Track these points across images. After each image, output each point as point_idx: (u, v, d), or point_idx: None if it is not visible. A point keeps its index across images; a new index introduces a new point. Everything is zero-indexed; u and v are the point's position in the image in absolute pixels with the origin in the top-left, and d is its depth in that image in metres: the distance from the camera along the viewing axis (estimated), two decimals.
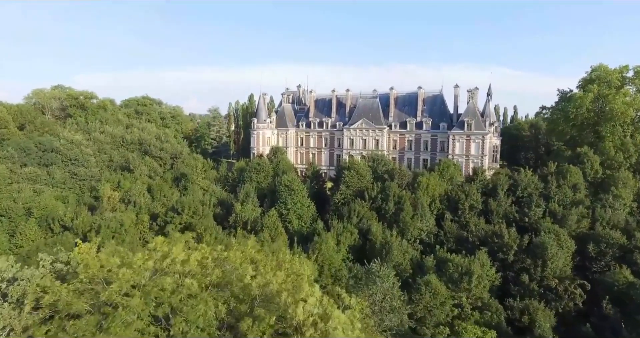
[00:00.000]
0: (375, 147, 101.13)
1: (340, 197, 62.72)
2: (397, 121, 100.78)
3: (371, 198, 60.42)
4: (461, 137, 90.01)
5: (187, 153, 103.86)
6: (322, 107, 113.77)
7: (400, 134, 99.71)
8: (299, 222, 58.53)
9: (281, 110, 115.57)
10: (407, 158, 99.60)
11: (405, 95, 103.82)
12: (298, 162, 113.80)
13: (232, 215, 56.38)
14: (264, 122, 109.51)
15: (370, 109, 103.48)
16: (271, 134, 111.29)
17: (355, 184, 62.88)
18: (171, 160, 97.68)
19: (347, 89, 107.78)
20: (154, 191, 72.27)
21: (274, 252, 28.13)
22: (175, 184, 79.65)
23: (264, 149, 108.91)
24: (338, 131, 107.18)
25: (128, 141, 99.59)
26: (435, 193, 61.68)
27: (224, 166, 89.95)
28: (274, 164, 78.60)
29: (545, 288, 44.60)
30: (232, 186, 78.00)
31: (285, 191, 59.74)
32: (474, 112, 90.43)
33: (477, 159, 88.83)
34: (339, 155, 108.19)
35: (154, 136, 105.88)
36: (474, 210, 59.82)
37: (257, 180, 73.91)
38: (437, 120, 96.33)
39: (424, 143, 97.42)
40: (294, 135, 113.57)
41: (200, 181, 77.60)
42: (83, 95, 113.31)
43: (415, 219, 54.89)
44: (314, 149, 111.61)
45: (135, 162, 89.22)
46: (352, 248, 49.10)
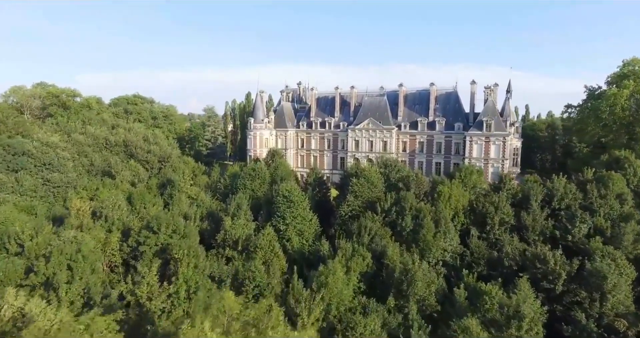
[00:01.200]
0: (383, 149, 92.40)
1: (348, 209, 53.91)
2: (407, 120, 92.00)
3: (384, 211, 51.60)
4: (479, 138, 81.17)
5: (177, 155, 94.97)
6: (324, 106, 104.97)
7: (411, 135, 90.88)
8: (300, 239, 49.80)
9: (280, 109, 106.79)
10: (418, 161, 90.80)
11: (416, 92, 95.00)
12: (298, 165, 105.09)
13: (221, 232, 47.68)
14: (261, 122, 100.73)
15: (377, 108, 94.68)
16: (269, 135, 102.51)
17: (365, 194, 54.06)
18: (159, 164, 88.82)
19: (352, 86, 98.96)
20: (134, 200, 63.51)
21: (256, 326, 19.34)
22: (160, 191, 70.85)
23: (261, 152, 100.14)
24: (342, 132, 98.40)
25: (112, 143, 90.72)
26: (459, 204, 52.84)
27: (217, 171, 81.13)
28: (271, 170, 69.77)
29: (606, 329, 35.84)
30: (224, 195, 69.10)
31: (283, 203, 50.95)
32: (494, 111, 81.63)
33: (498, 164, 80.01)
34: (342, 158, 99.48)
35: (141, 138, 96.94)
36: (504, 225, 50.97)
37: (252, 188, 65.10)
38: (452, 120, 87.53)
39: (437, 145, 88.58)
40: (293, 136, 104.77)
41: (188, 189, 68.75)
42: (65, 93, 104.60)
43: (437, 237, 46.08)
44: (315, 151, 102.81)
45: (117, 166, 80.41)
46: (364, 275, 40.44)
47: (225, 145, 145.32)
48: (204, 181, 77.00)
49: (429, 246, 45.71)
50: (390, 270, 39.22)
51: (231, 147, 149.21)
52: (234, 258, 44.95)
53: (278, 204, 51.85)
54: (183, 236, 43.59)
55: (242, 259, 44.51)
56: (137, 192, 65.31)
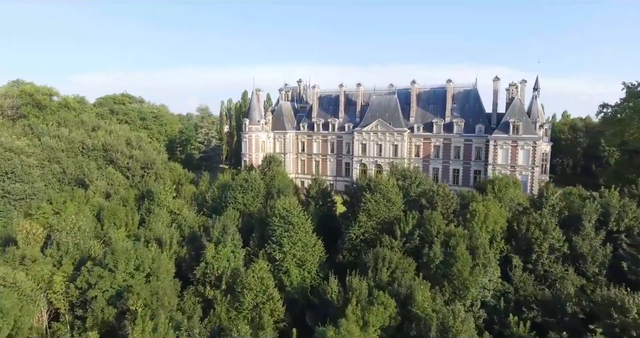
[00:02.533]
0: (393, 154, 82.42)
1: (359, 232, 43.97)
2: (420, 122, 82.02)
3: (404, 235, 41.75)
4: (505, 143, 71.16)
5: (164, 161, 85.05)
6: (327, 105, 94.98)
7: (425, 139, 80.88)
8: (301, 272, 40.00)
9: (278, 109, 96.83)
10: (432, 168, 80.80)
11: (430, 90, 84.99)
12: (298, 171, 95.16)
13: (201, 264, 37.89)
14: (257, 123, 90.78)
15: (386, 108, 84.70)
16: (266, 138, 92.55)
17: (381, 213, 44.11)
18: (141, 171, 78.92)
19: (358, 83, 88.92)
20: (104, 217, 53.81)
21: None
22: (138, 205, 61.05)
23: (257, 156, 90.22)
24: (347, 134, 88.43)
25: (89, 147, 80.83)
26: (496, 227, 42.94)
27: (205, 180, 71.16)
28: (266, 180, 59.86)
29: None
30: (212, 209, 59.24)
31: (280, 225, 41.06)
32: (521, 111, 71.63)
33: (527, 171, 70.03)
34: (348, 164, 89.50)
35: (123, 141, 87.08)
36: (554, 253, 41.05)
37: (244, 202, 55.23)
38: (472, 121, 77.53)
39: (454, 150, 78.58)
40: (293, 139, 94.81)
41: (170, 202, 58.78)
42: (41, 91, 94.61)
43: (476, 272, 36.24)
44: (317, 156, 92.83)
45: (91, 175, 70.60)
46: (385, 329, 30.64)
47: (220, 148, 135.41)
48: (190, 191, 67.10)
49: (465, 285, 35.80)
50: (422, 326, 29.23)
51: (227, 149, 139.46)
52: (216, 300, 35.07)
53: (274, 227, 41.90)
54: (149, 275, 33.64)
55: (226, 302, 34.68)
56: (109, 207, 55.55)
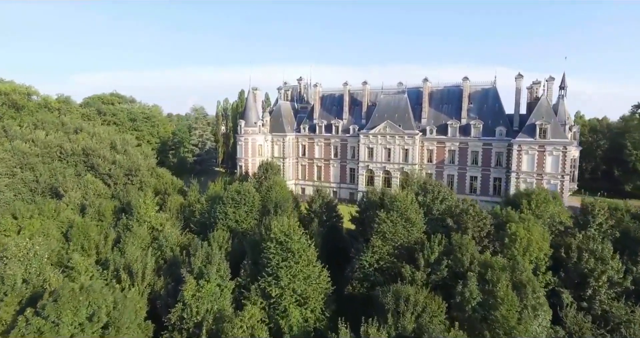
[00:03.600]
0: (404, 159, 74.75)
1: (372, 259, 36.37)
2: (433, 124, 74.35)
3: (428, 264, 34.18)
4: (531, 147, 63.47)
5: (151, 166, 77.42)
6: (330, 105, 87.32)
7: (439, 142, 73.20)
8: (302, 313, 32.47)
9: (277, 109, 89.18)
10: (447, 175, 73.13)
11: (443, 89, 77.33)
12: (299, 177, 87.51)
13: (178, 306, 30.31)
14: (254, 125, 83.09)
15: (395, 108, 77.02)
16: (263, 141, 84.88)
17: (399, 236, 36.50)
18: (125, 178, 71.32)
19: (365, 81, 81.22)
20: (72, 236, 46.21)
21: None
22: (116, 219, 53.51)
23: (254, 161, 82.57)
24: (352, 137, 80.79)
25: (67, 152, 73.22)
26: (540, 254, 35.34)
27: (195, 190, 63.51)
28: (262, 192, 52.21)
29: None
30: (201, 225, 51.70)
31: (277, 253, 33.49)
32: (549, 112, 63.97)
33: (555, 180, 62.37)
34: (353, 169, 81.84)
35: (107, 144, 79.52)
36: (615, 288, 33.43)
37: (236, 219, 47.64)
38: (491, 123, 69.87)
39: (472, 155, 70.91)
40: (293, 142, 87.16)
41: (151, 217, 51.13)
42: (18, 90, 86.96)
43: (525, 318, 28.70)
44: (319, 160, 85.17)
45: (66, 183, 62.98)
46: None
47: (216, 150, 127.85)
48: (177, 203, 59.34)
49: (512, 336, 28.09)
50: None
51: (223, 152, 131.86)
52: None
53: (269, 254, 34.22)
54: (107, 325, 25.99)
55: None
56: (79, 224, 47.85)
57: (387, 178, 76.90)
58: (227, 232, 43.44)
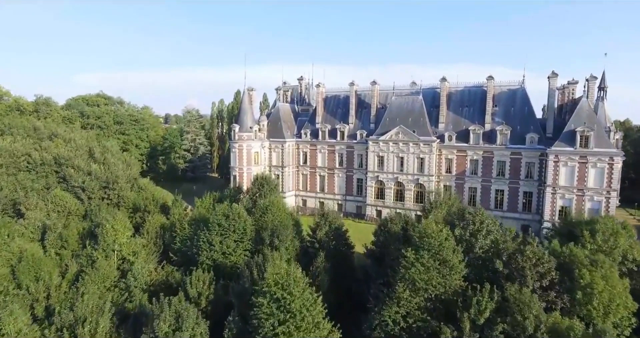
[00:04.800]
0: (419, 169, 65.83)
1: (398, 315, 27.55)
2: (452, 129, 65.45)
3: (475, 327, 25.39)
4: (570, 158, 54.53)
5: (132, 177, 68.49)
6: (334, 108, 78.39)
7: (459, 151, 64.27)
8: None
9: (275, 112, 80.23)
10: (469, 188, 64.21)
11: (464, 90, 68.40)
12: (299, 188, 78.64)
13: None
14: (249, 130, 74.13)
15: (409, 112, 68.06)
16: (260, 148, 75.92)
17: (433, 284, 27.65)
18: (101, 191, 62.45)
19: (374, 81, 72.27)
20: (19, 274, 37.63)
21: None
22: (81, 246, 44.77)
23: (250, 171, 73.70)
24: (359, 144, 71.86)
25: (36, 162, 64.36)
26: (619, 308, 26.54)
27: (179, 207, 54.57)
28: (256, 214, 43.27)
29: None
30: (182, 254, 42.88)
31: (273, 315, 24.70)
32: (591, 117, 55.04)
33: (599, 197, 53.42)
34: (360, 180, 72.92)
35: (84, 152, 70.67)
36: None
37: (223, 251, 38.73)
38: (520, 129, 60.97)
39: (498, 165, 61.97)
40: (293, 149, 78.23)
41: (122, 245, 42.29)
42: None
43: None
44: (322, 169, 76.23)
45: (29, 201, 54.08)
46: None
47: (210, 155, 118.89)
48: (157, 224, 50.47)
49: None
50: None
51: (218, 156, 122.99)
52: None
53: (261, 314, 25.30)
54: None
55: None
56: (30, 257, 39.08)
57: (400, 191, 67.98)
58: (210, 272, 34.49)
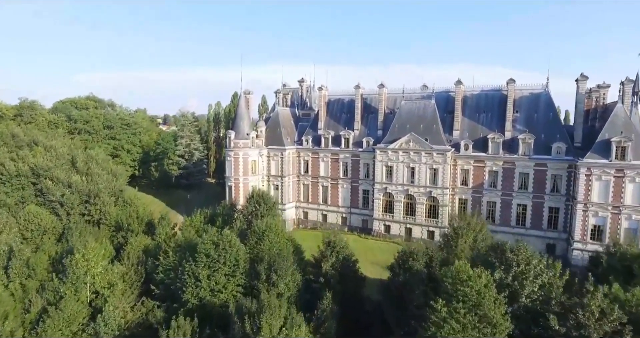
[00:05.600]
0: (431, 181, 59.97)
1: None
2: (469, 137, 59.58)
3: None
4: (604, 172, 48.63)
5: (118, 190, 62.66)
6: (338, 113, 72.48)
7: (476, 161, 58.37)
8: None
9: (274, 117, 74.28)
10: (486, 202, 58.32)
11: (480, 94, 62.51)
12: (300, 199, 72.81)
13: None
14: (246, 137, 68.24)
15: (421, 118, 62.18)
16: (258, 156, 70.02)
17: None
18: (82, 206, 56.62)
19: (381, 84, 66.39)
20: None
21: None
22: (50, 277, 38.93)
23: (246, 182, 67.92)
24: (365, 153, 65.98)
25: (11, 173, 58.53)
26: None
27: (166, 227, 48.55)
28: (251, 242, 37.38)
29: None
30: (164, 287, 36.97)
31: None
32: (628, 125, 49.17)
33: (638, 215, 47.47)
34: (366, 191, 67.05)
35: (66, 162, 64.86)
36: None
37: (211, 287, 32.86)
38: (545, 138, 55.08)
39: (520, 177, 56.08)
40: (293, 157, 72.34)
41: (96, 276, 36.43)
42: None
43: None
44: (325, 179, 70.31)
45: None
46: None
47: (207, 159, 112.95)
48: (139, 247, 44.61)
49: None
50: None
51: (215, 160, 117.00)
52: None
53: None
54: None
55: None
56: None
57: (410, 205, 62.11)
58: (194, 319, 28.57)
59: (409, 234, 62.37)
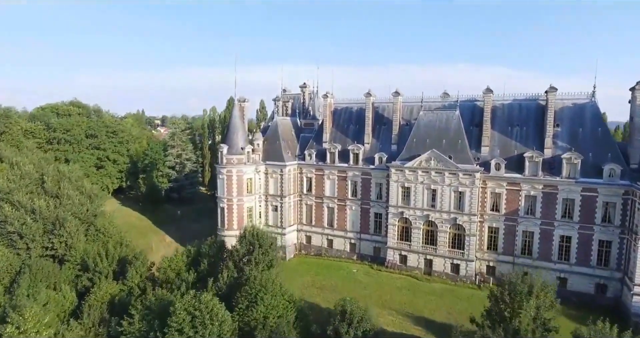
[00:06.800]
0: (457, 206, 51.33)
1: None
2: (500, 155, 50.87)
3: None
4: None
5: (92, 214, 53.91)
6: (345, 123, 63.80)
7: (510, 183, 49.62)
8: None
9: (273, 128, 65.50)
10: (522, 232, 49.58)
11: (513, 104, 53.79)
12: (303, 221, 64.25)
13: None
14: (240, 152, 59.55)
15: (443, 131, 53.45)
16: (254, 173, 61.32)
17: None
18: (44, 238, 47.92)
19: (396, 91, 57.66)
20: None
21: None
22: None
23: (241, 203, 59.45)
24: (378, 170, 57.30)
25: None
26: None
27: (140, 269, 39.99)
28: (241, 304, 28.72)
29: None
30: None
31: None
32: None
33: None
34: (379, 215, 58.45)
35: (31, 181, 56.14)
36: None
37: None
38: (594, 157, 46.32)
39: (563, 204, 47.32)
40: (295, 174, 63.64)
41: None
42: None
43: None
44: (331, 200, 61.62)
45: None
46: None
47: (200, 170, 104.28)
48: (106, 296, 35.93)
49: None
50: None
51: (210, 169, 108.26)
52: None
53: None
54: None
55: None
56: None
57: (431, 232, 53.44)
58: None
59: (429, 266, 53.74)
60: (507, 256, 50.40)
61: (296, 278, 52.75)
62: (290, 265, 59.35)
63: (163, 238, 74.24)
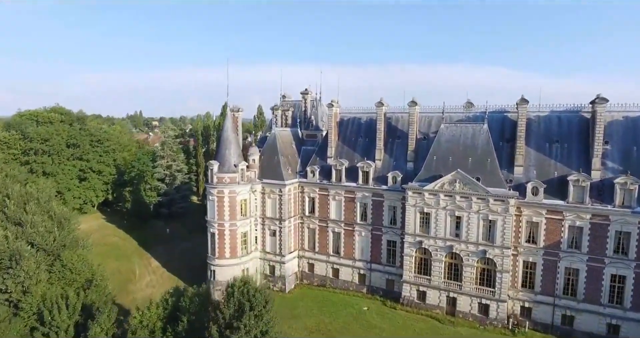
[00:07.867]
0: (486, 236, 43.72)
1: None
2: (536, 176, 43.25)
3: None
4: None
5: (60, 244, 46.17)
6: (353, 136, 56.16)
7: (550, 211, 41.94)
8: None
9: (271, 141, 57.77)
10: (565, 269, 41.90)
11: (551, 116, 46.14)
12: (305, 247, 56.68)
13: None
14: (233, 169, 51.87)
15: (469, 148, 45.79)
16: (249, 194, 53.64)
17: None
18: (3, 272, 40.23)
19: (412, 100, 49.96)
20: None
21: None
22: None
23: (234, 228, 51.85)
24: (392, 192, 49.65)
25: None
26: None
27: (108, 322, 32.47)
28: None
29: None
30: None
31: None
32: None
33: None
34: (392, 242, 50.86)
35: None
36: None
37: None
38: None
39: (615, 238, 39.69)
40: (296, 193, 55.97)
41: None
42: None
43: None
44: (337, 224, 53.94)
45: None
46: None
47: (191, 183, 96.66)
48: None
49: None
50: None
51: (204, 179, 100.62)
52: None
53: None
54: None
55: None
56: None
57: (455, 266, 45.83)
58: None
59: (453, 305, 46.11)
60: (546, 296, 42.77)
61: (298, 320, 45.22)
62: (290, 299, 51.75)
63: (149, 262, 66.62)
